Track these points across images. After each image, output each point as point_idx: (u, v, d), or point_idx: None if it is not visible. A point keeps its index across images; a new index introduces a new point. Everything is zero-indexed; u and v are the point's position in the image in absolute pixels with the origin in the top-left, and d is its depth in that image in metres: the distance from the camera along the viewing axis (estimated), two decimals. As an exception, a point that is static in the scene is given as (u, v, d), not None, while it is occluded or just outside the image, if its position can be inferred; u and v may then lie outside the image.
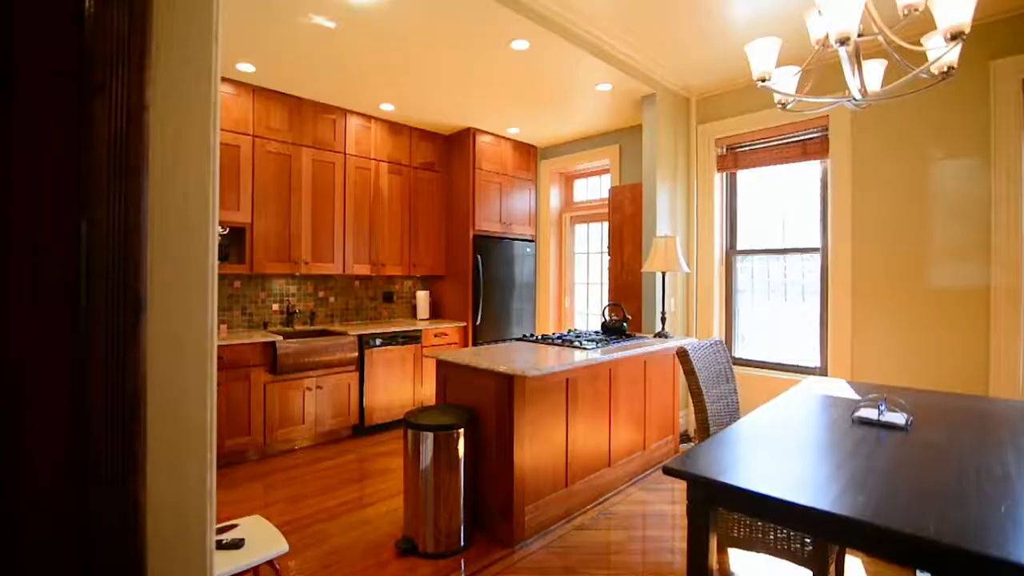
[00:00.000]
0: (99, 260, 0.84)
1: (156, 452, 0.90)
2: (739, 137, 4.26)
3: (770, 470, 1.50)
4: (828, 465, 1.53)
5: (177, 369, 0.93)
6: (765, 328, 4.28)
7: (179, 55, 0.93)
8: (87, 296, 0.83)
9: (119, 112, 0.86)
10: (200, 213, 0.97)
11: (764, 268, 4.28)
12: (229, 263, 3.85)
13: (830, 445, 1.72)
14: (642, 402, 3.44)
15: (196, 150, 0.96)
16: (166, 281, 0.93)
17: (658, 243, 3.76)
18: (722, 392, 2.39)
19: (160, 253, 0.92)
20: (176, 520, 0.92)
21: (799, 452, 1.66)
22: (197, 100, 0.95)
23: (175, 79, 0.93)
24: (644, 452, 3.47)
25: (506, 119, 4.78)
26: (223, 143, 3.77)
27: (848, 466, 1.52)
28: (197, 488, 0.94)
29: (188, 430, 0.94)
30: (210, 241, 0.99)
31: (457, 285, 5.10)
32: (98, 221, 0.85)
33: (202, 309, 0.97)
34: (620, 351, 3.08)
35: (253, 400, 3.66)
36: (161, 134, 0.92)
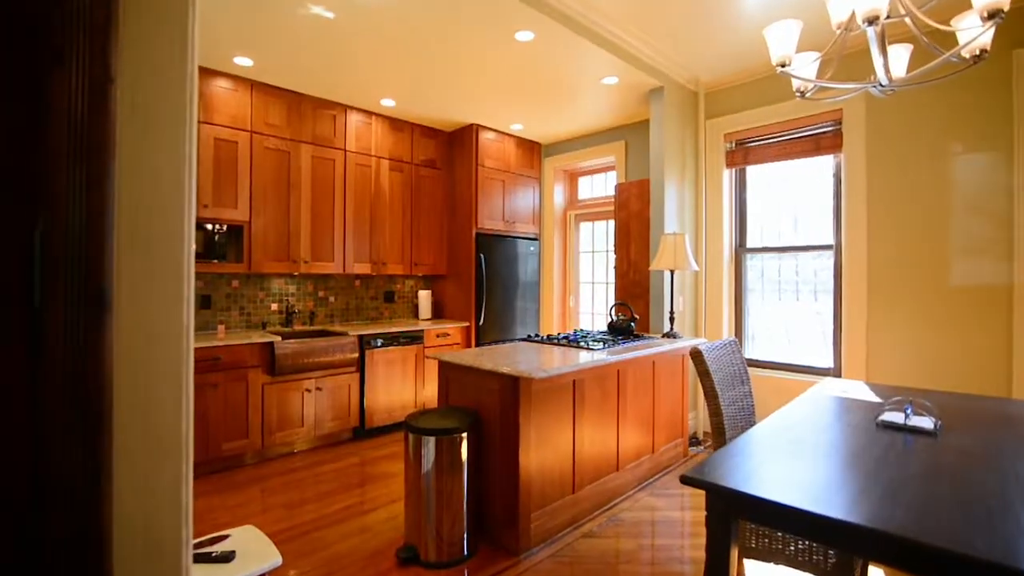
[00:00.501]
0: (57, 251, 0.75)
1: (124, 466, 0.80)
2: (749, 132, 4.15)
3: (796, 479, 1.40)
4: (858, 474, 1.42)
5: (149, 373, 0.84)
6: (776, 328, 4.17)
7: (151, 19, 0.83)
8: (43, 292, 0.74)
9: (80, 84, 0.77)
10: (175, 200, 0.88)
11: (775, 266, 4.17)
12: (227, 262, 3.76)
13: (857, 451, 1.61)
14: (650, 404, 3.34)
15: (171, 129, 0.87)
16: (136, 275, 0.83)
17: (666, 240, 3.65)
18: (737, 395, 2.29)
19: (129, 244, 0.82)
20: (147, 539, 0.82)
21: (825, 459, 1.56)
22: (172, 72, 0.86)
23: (146, 47, 0.83)
24: (653, 455, 3.36)
25: (509, 115, 4.68)
26: (220, 139, 3.68)
27: (879, 475, 1.41)
28: (171, 504, 0.84)
29: (161, 440, 0.84)
30: (186, 231, 0.89)
31: (460, 284, 5.01)
32: (56, 208, 0.75)
33: (177, 307, 0.87)
34: (628, 352, 2.98)
35: (251, 402, 3.57)
36: (130, 110, 0.82)
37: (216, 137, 3.66)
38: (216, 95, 3.67)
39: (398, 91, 4.10)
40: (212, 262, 3.64)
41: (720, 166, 4.28)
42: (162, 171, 0.85)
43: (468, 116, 4.72)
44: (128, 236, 0.81)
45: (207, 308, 3.91)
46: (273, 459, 3.73)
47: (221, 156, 3.69)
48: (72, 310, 0.76)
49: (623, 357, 2.88)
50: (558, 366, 2.50)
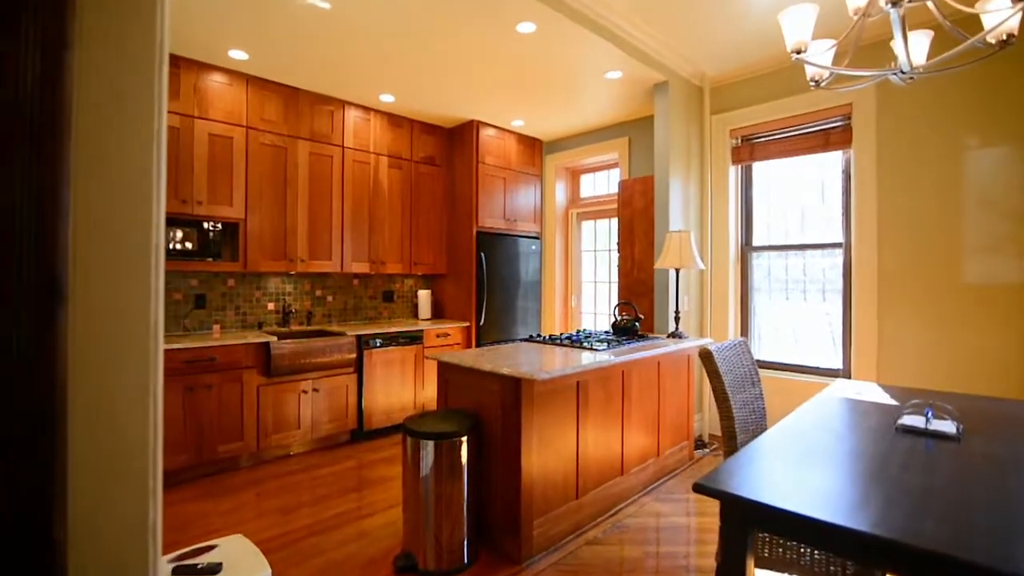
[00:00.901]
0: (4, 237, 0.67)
1: (81, 480, 0.72)
2: (755, 128, 4.06)
3: (816, 487, 1.31)
4: (882, 482, 1.34)
5: (110, 375, 0.75)
6: (783, 328, 4.08)
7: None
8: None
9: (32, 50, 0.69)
10: (141, 184, 0.79)
11: (782, 265, 4.08)
12: (222, 261, 3.68)
13: (878, 458, 1.52)
14: (655, 406, 3.25)
15: (137, 102, 0.78)
16: (95, 265, 0.74)
17: (671, 238, 3.56)
18: (748, 397, 2.20)
19: (87, 231, 0.74)
20: (108, 563, 0.74)
21: (845, 466, 1.47)
22: (138, 38, 0.77)
23: (108, 10, 0.74)
24: (658, 459, 3.27)
25: (510, 111, 4.59)
26: (215, 135, 3.60)
27: (904, 483, 1.32)
28: (136, 522, 0.76)
29: (125, 452, 0.75)
30: (155, 218, 0.80)
31: (460, 284, 4.92)
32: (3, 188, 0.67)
33: (144, 303, 0.78)
34: (633, 352, 2.89)
35: (246, 403, 3.48)
36: (89, 81, 0.74)
37: (211, 133, 3.58)
38: (210, 89, 3.59)
39: (397, 86, 4.02)
40: (206, 260, 3.55)
41: (726, 162, 4.19)
42: (126, 151, 0.77)
43: (468, 112, 4.63)
44: (86, 222, 0.73)
45: (202, 308, 3.83)
46: (269, 462, 3.64)
47: (216, 152, 3.61)
48: (22, 302, 0.67)
49: (628, 358, 2.79)
50: (561, 367, 2.41)
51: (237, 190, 3.71)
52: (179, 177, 3.45)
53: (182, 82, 3.46)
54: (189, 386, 3.24)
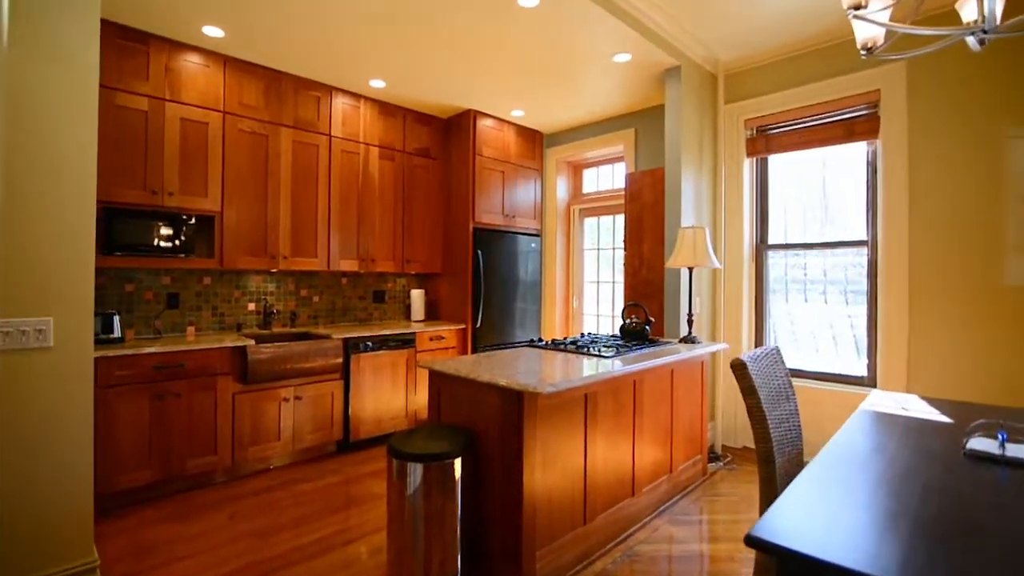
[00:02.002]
0: None
1: None
2: (771, 118, 3.79)
3: (899, 540, 1.03)
4: (973, 533, 1.06)
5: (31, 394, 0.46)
6: (802, 332, 3.81)
7: None
8: None
9: None
10: (74, 171, 0.50)
11: (800, 264, 3.82)
12: (195, 257, 3.38)
13: (957, 495, 1.25)
14: (668, 418, 2.98)
15: (61, 61, 0.49)
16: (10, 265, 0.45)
17: (685, 235, 3.29)
18: (783, 413, 1.93)
19: None
20: None
21: (920, 504, 1.19)
22: None
23: None
24: (671, 475, 3.00)
25: (510, 99, 4.31)
26: (188, 120, 3.30)
27: (1006, 531, 1.05)
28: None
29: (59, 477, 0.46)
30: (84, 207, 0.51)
31: (455, 283, 4.63)
32: None
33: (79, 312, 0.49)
34: (645, 360, 2.61)
35: (220, 413, 3.19)
36: None
37: (183, 117, 3.28)
38: (184, 71, 3.29)
39: (388, 70, 3.73)
40: (178, 256, 3.25)
41: (740, 155, 3.92)
42: (50, 120, 0.48)
43: (465, 101, 4.35)
44: None
45: (175, 308, 3.53)
46: (246, 477, 3.35)
47: (189, 139, 3.31)
48: None
49: (640, 367, 2.51)
50: (567, 378, 2.13)
51: (213, 180, 3.41)
52: (148, 165, 3.15)
53: (151, 62, 3.16)
54: (158, 394, 2.94)
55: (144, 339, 3.27)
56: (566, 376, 2.15)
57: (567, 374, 2.20)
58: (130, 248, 3.06)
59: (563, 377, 2.13)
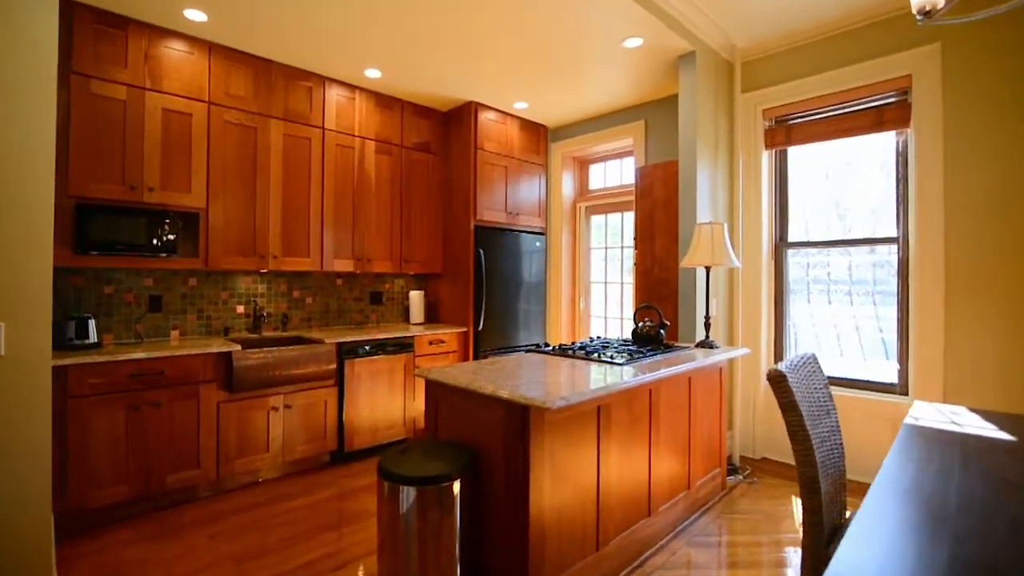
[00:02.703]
0: None
1: None
2: (792, 107, 3.56)
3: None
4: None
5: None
6: (826, 336, 3.57)
7: None
8: None
9: None
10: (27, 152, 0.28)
11: (822, 263, 3.58)
12: (178, 257, 3.17)
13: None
14: (686, 429, 2.75)
15: None
16: None
17: (702, 232, 3.06)
18: (825, 431, 1.70)
19: None
20: None
21: (1017, 555, 0.97)
22: None
23: None
24: (689, 492, 2.77)
25: (513, 91, 4.09)
26: (170, 110, 3.09)
27: None
28: None
29: None
30: None
31: (456, 284, 4.42)
32: None
33: None
34: (661, 367, 2.38)
35: (204, 424, 2.97)
36: None
37: (165, 108, 3.08)
38: (166, 58, 3.08)
39: (385, 59, 3.52)
40: (159, 256, 3.04)
41: (758, 147, 3.69)
42: None
43: (466, 92, 4.13)
44: None
45: (157, 311, 3.32)
46: (232, 492, 3.13)
47: (171, 130, 3.11)
48: None
49: (657, 376, 2.28)
50: (578, 389, 1.90)
51: (197, 175, 3.20)
52: (127, 158, 2.94)
53: (130, 48, 2.96)
54: (134, 404, 2.73)
55: (124, 344, 3.06)
56: (576, 386, 1.93)
57: (577, 384, 1.97)
58: (107, 247, 2.85)
59: (572, 387, 1.91)
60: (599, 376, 2.15)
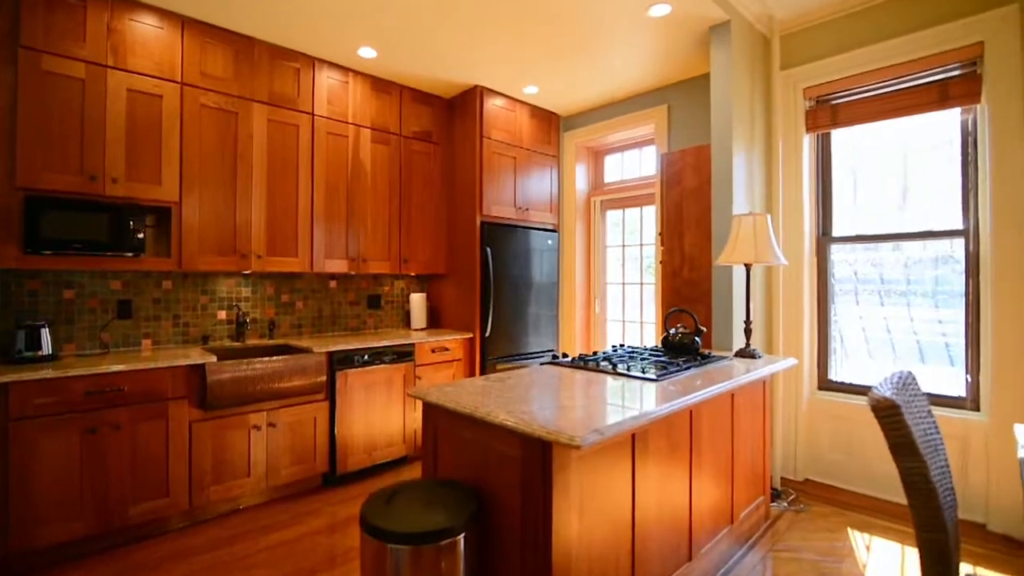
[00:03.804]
0: None
1: None
2: (837, 84, 3.16)
3: None
4: None
5: None
6: (877, 342, 3.17)
7: None
8: None
9: None
10: None
11: (872, 260, 3.18)
12: (147, 256, 2.82)
13: None
14: (729, 453, 2.36)
15: None
16: None
17: (742, 224, 2.67)
18: (938, 472, 1.30)
19: None
20: None
21: None
22: None
23: None
24: (732, 527, 2.37)
25: (523, 73, 3.72)
26: (137, 91, 2.74)
27: None
28: None
29: None
30: None
31: (461, 286, 4.04)
32: None
33: None
34: (701, 382, 1.99)
35: (173, 447, 2.61)
36: None
37: (130, 88, 2.72)
38: (130, 32, 2.73)
39: (380, 36, 3.15)
40: (125, 256, 2.69)
41: (798, 131, 3.29)
42: None
43: (471, 75, 3.76)
44: None
45: (127, 317, 2.96)
46: (208, 522, 2.77)
47: (137, 114, 2.75)
48: None
49: (702, 395, 1.89)
50: (613, 417, 1.52)
51: (169, 165, 2.85)
52: (85, 145, 2.59)
53: (89, 19, 2.61)
54: (89, 427, 2.37)
55: (87, 356, 2.71)
56: (607, 412, 1.54)
57: (608, 408, 1.59)
58: (63, 245, 2.50)
59: (603, 413, 1.52)
60: (633, 396, 1.76)
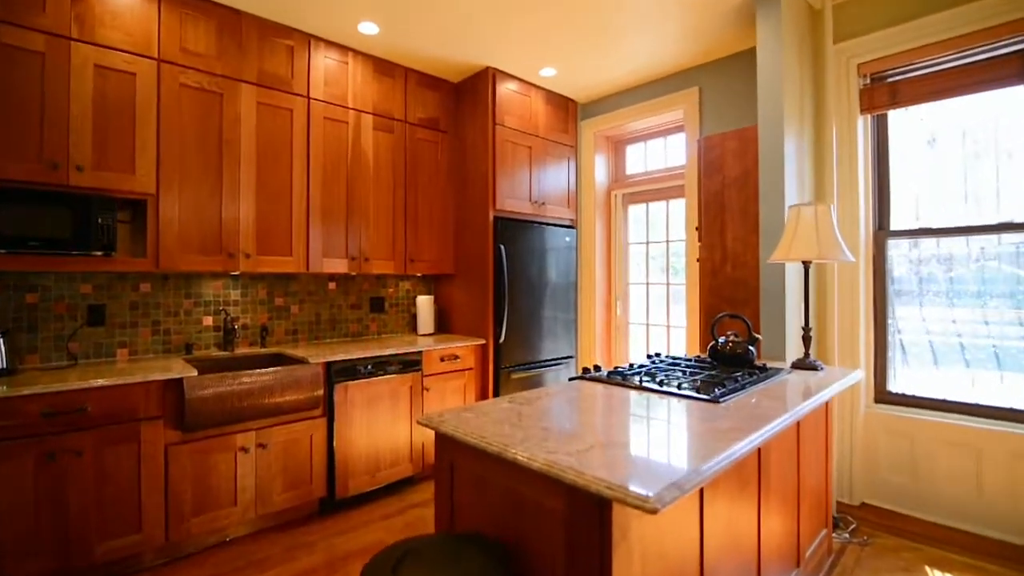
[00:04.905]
0: None
1: None
2: (897, 58, 2.79)
3: None
4: None
5: None
6: (946, 349, 2.80)
7: None
8: None
9: None
10: None
11: (938, 256, 2.81)
12: (119, 255, 2.49)
13: None
14: (795, 484, 2.00)
15: None
16: None
17: (800, 216, 2.31)
18: None
19: None
20: None
21: None
22: None
23: None
24: (800, 569, 2.02)
25: (539, 54, 3.37)
26: (107, 68, 2.41)
27: None
28: None
29: None
30: None
31: (472, 287, 3.70)
32: None
33: None
34: (778, 409, 1.64)
35: (146, 474, 2.28)
36: None
37: (99, 64, 2.39)
38: (99, 1, 2.40)
39: (383, 7, 2.81)
40: (92, 255, 2.36)
41: (852, 112, 2.92)
42: None
43: (482, 56, 3.41)
44: None
45: (99, 324, 2.64)
46: (188, 558, 2.43)
47: (107, 94, 2.42)
48: None
49: (779, 424, 1.53)
50: (689, 462, 1.17)
51: (144, 151, 2.52)
52: (47, 128, 2.26)
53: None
54: (47, 452, 2.04)
55: (51, 369, 2.38)
56: (672, 449, 1.19)
57: (671, 443, 1.24)
58: (17, 243, 2.17)
59: (668, 451, 1.17)
60: (699, 426, 1.41)
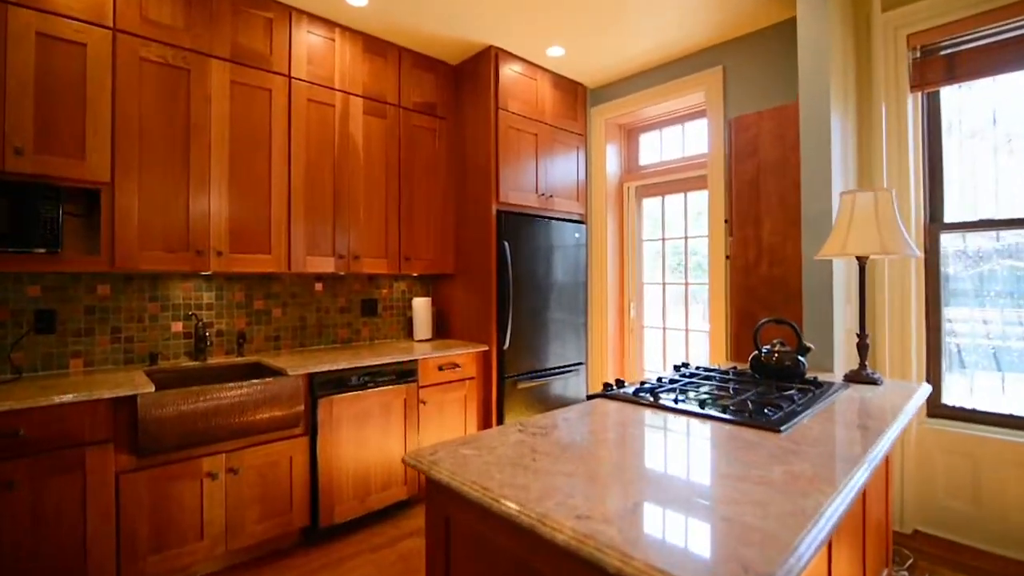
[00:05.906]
0: None
1: None
2: (950, 28, 2.47)
3: None
4: None
5: None
6: (1012, 356, 2.47)
7: None
8: None
9: None
10: None
11: (1000, 250, 2.48)
12: (67, 252, 2.17)
13: None
14: (860, 523, 1.67)
15: None
16: None
17: (857, 203, 1.98)
18: None
19: None
20: None
21: None
22: None
23: None
24: (864, 628, 1.69)
25: (545, 30, 3.04)
26: (53, 37, 2.09)
27: None
28: None
29: None
30: None
31: (473, 288, 3.37)
32: None
33: None
34: (865, 442, 1.31)
35: (93, 508, 1.95)
36: None
37: (41, 32, 2.07)
38: (42, -42, 2.08)
39: (369, -29, 2.49)
40: (34, 253, 2.04)
41: (901, 89, 2.60)
42: None
43: (483, 33, 3.09)
44: None
45: (49, 332, 2.32)
46: (146, 602, 2.11)
47: (53, 67, 2.10)
48: None
49: (867, 470, 1.20)
50: (778, 532, 0.84)
51: (97, 134, 2.19)
52: (-22, 105, 1.94)
53: (-20, -63, 1.96)
54: (-30, 486, 1.72)
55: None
56: (743, 506, 0.86)
57: (738, 499, 0.91)
58: (-59, 238, 1.85)
59: (738, 510, 0.84)
60: (779, 473, 1.08)
